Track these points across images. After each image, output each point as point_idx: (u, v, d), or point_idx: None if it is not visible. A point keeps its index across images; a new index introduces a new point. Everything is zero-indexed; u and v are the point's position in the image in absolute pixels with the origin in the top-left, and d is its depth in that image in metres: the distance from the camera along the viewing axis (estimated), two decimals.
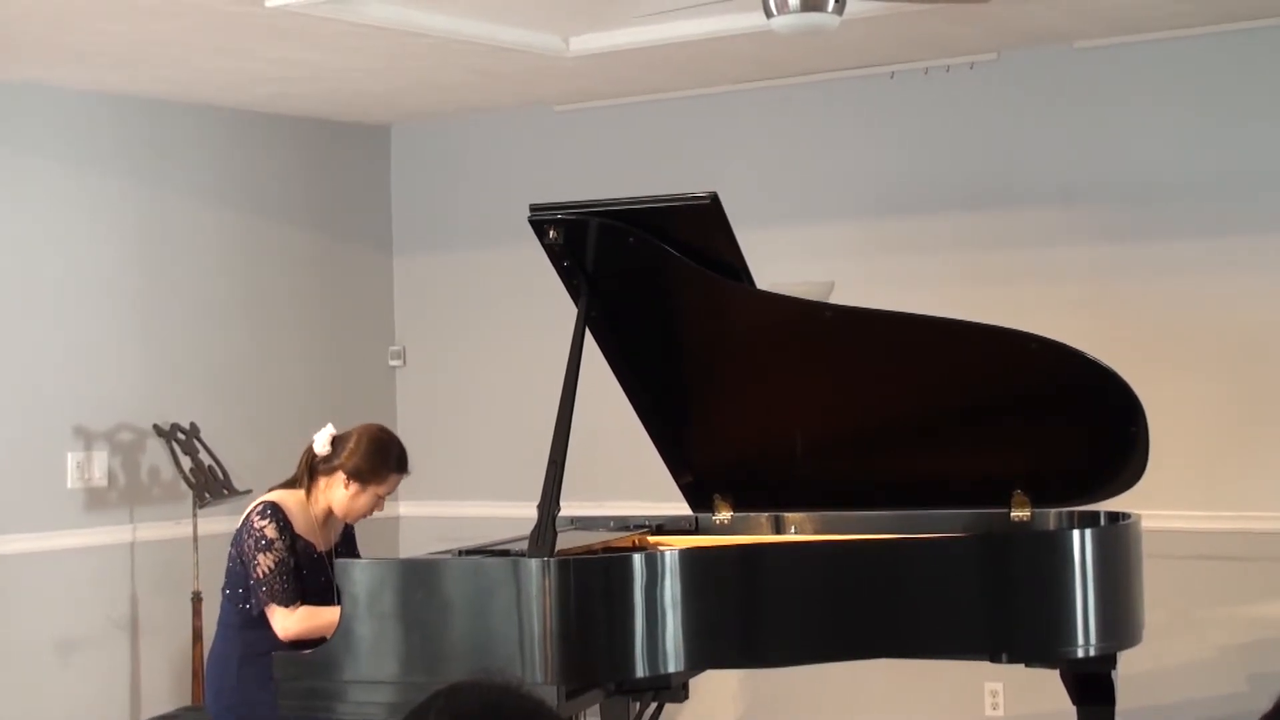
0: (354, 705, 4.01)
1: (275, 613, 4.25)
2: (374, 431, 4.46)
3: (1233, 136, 5.60)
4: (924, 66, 6.02)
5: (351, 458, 4.38)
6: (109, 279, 6.14)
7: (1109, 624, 4.19)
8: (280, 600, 4.24)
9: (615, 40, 5.62)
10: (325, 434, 4.43)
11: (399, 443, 4.49)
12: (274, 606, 4.24)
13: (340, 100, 6.51)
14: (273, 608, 4.25)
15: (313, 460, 4.42)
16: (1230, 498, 5.57)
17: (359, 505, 4.43)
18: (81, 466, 6.00)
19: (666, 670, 4.00)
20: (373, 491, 4.41)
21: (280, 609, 4.24)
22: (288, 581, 4.26)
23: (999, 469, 4.53)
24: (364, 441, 4.41)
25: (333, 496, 4.41)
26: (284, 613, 4.24)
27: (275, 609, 4.24)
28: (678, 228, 4.19)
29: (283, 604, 4.24)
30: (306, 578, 4.32)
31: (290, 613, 4.24)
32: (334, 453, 4.40)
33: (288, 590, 4.25)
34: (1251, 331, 5.57)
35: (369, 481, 4.39)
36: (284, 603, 4.24)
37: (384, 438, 4.46)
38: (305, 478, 4.42)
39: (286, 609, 4.24)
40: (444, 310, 7.08)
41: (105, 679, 6.05)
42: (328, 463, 4.40)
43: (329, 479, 4.40)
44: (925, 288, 5.87)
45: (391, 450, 4.44)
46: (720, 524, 4.83)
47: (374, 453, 4.40)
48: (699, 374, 4.70)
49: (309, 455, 4.43)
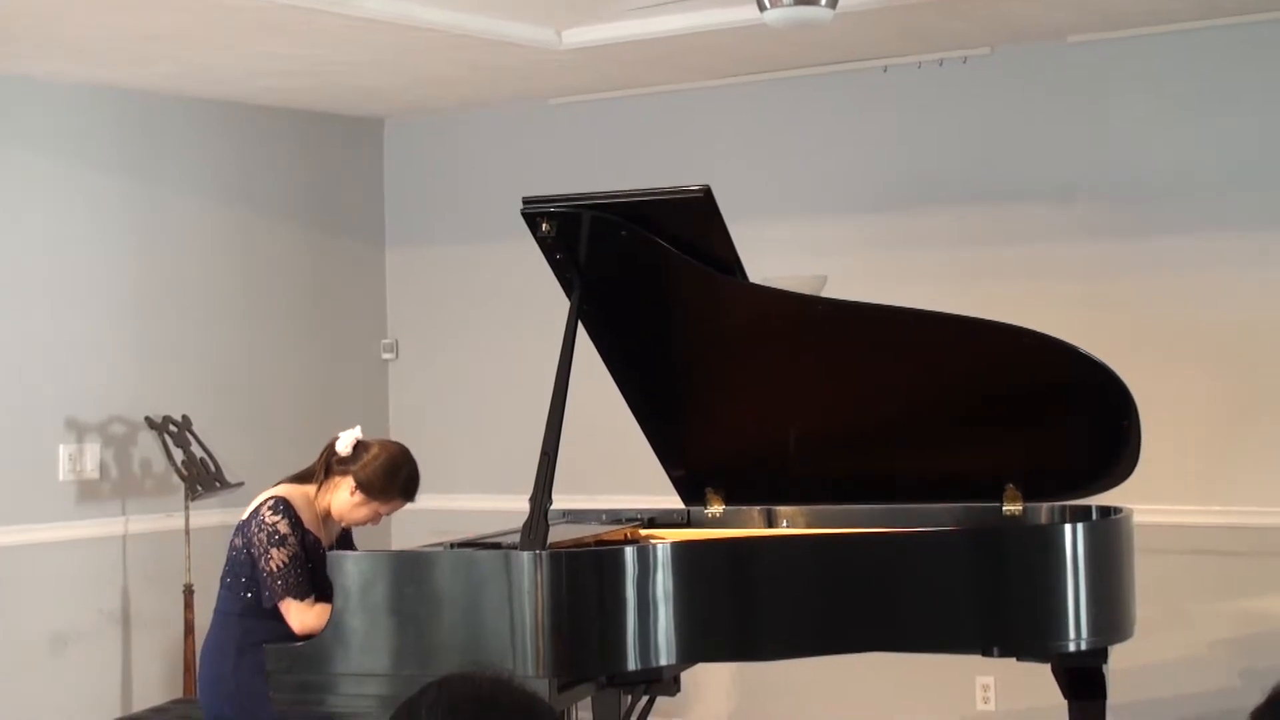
0: (345, 698, 4.01)
1: (291, 606, 4.26)
2: (395, 451, 4.49)
3: (1226, 131, 5.60)
4: (917, 61, 6.02)
5: (366, 468, 4.42)
6: (101, 271, 6.13)
7: (1100, 618, 4.20)
8: (296, 594, 4.26)
9: (609, 34, 5.63)
10: (350, 436, 4.47)
11: (415, 470, 4.51)
12: (290, 601, 4.26)
13: (334, 93, 6.51)
14: (288, 602, 4.26)
15: (331, 458, 4.45)
16: (1222, 492, 5.57)
17: (358, 514, 4.47)
18: (73, 459, 5.99)
19: (658, 663, 4.00)
20: (374, 506, 4.46)
21: (296, 603, 4.26)
22: (302, 575, 4.29)
23: (991, 463, 4.53)
24: (383, 457, 4.45)
25: (336, 498, 4.45)
26: (301, 606, 4.26)
27: (291, 603, 4.26)
28: (671, 221, 4.19)
29: (299, 597, 4.26)
30: (315, 572, 4.35)
31: (308, 607, 4.25)
32: (353, 457, 4.43)
33: (302, 584, 4.28)
34: (1245, 327, 5.57)
35: (374, 497, 4.44)
36: (300, 596, 4.27)
37: (401, 461, 4.48)
38: (322, 473, 4.46)
39: (302, 602, 4.26)
40: (437, 303, 7.08)
41: (97, 672, 6.04)
42: (344, 465, 4.43)
43: (339, 480, 4.44)
44: (918, 281, 5.87)
45: (402, 474, 4.47)
46: (712, 517, 4.84)
47: (388, 472, 4.44)
48: (691, 367, 4.70)
49: (329, 452, 4.47)
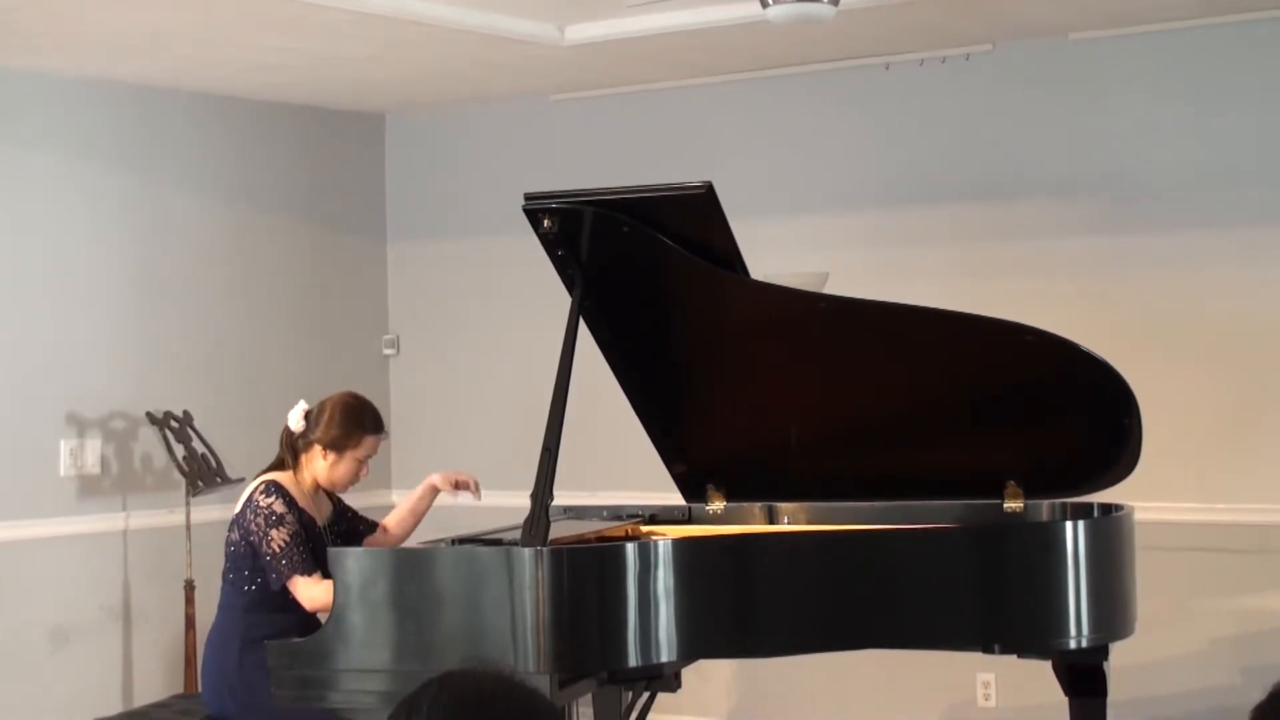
0: (347, 693, 4.01)
1: (299, 583, 4.28)
2: (344, 399, 4.55)
3: (1227, 129, 5.59)
4: (919, 57, 6.02)
5: (326, 429, 4.47)
6: (101, 267, 6.13)
7: (1101, 615, 4.19)
8: (302, 570, 4.29)
9: (611, 30, 5.62)
10: (298, 410, 4.52)
11: (370, 405, 4.56)
12: (297, 578, 4.29)
13: (335, 88, 6.50)
14: (296, 579, 4.29)
15: (291, 439, 4.49)
16: (1223, 490, 5.57)
17: (340, 473, 4.51)
18: (74, 454, 5.99)
19: (659, 660, 4.00)
20: (351, 457, 4.50)
21: (304, 578, 4.28)
22: (305, 552, 4.31)
23: (992, 460, 4.53)
24: (336, 410, 4.49)
25: (315, 469, 4.50)
26: (308, 581, 4.27)
27: (299, 579, 4.28)
28: (672, 218, 4.19)
29: (305, 573, 4.29)
30: (315, 550, 4.37)
31: (316, 581, 4.27)
32: (309, 427, 4.48)
33: (306, 560, 4.31)
34: (1247, 324, 5.57)
35: (345, 448, 4.48)
36: (306, 572, 4.29)
37: (354, 403, 4.54)
38: (288, 457, 4.50)
39: (309, 577, 4.28)
40: (438, 299, 7.08)
41: (97, 667, 6.04)
42: (305, 438, 4.48)
43: (309, 454, 4.48)
44: (920, 279, 5.87)
45: (364, 414, 4.53)
46: (713, 514, 4.84)
47: (346, 419, 4.49)
48: (693, 364, 4.70)
49: (286, 434, 4.51)
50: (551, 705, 1.81)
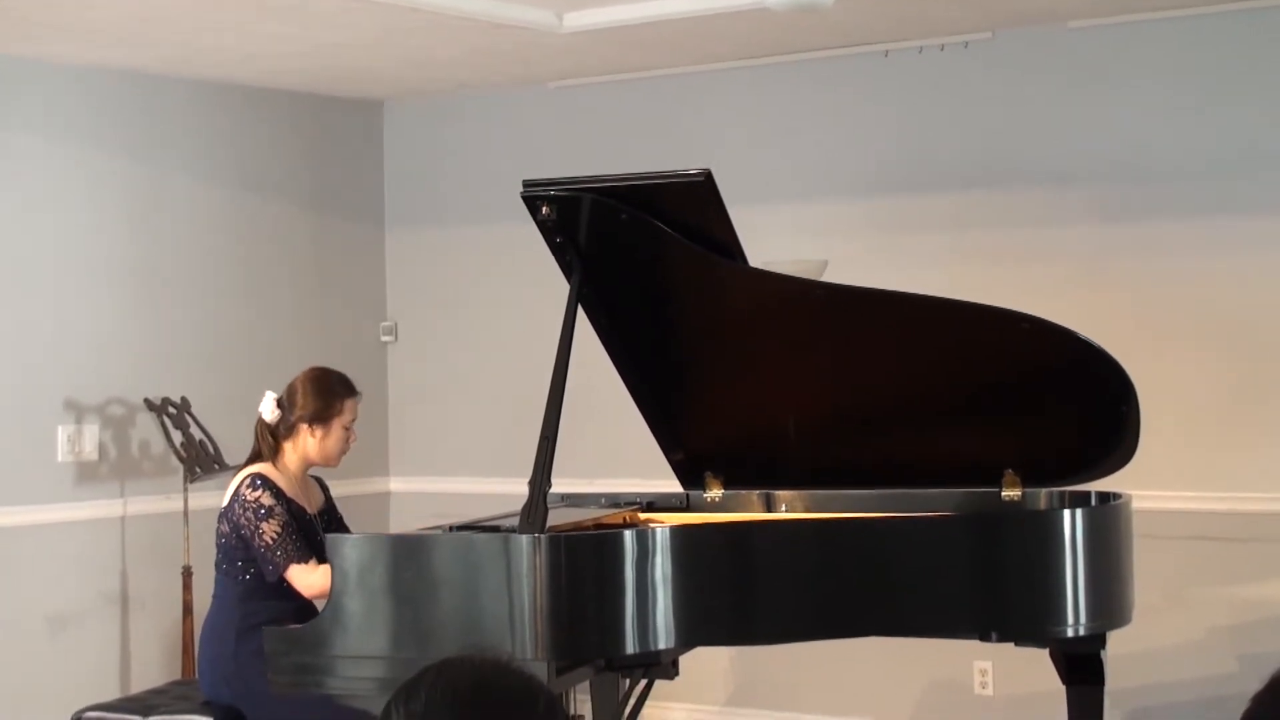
0: (344, 680, 4.01)
1: (295, 572, 4.30)
2: (310, 373, 4.60)
3: (1227, 117, 5.59)
4: (918, 45, 6.01)
5: (304, 405, 4.51)
6: (100, 253, 6.13)
7: (1099, 604, 4.19)
8: (297, 559, 4.32)
9: (609, 17, 5.61)
10: (269, 400, 4.56)
11: (336, 372, 4.63)
12: (294, 566, 4.30)
13: (334, 76, 6.49)
14: (292, 568, 4.30)
15: (271, 429, 4.50)
16: (1221, 478, 5.58)
17: (332, 443, 4.55)
18: (72, 440, 5.99)
19: (657, 647, 4.00)
20: (338, 425, 4.54)
21: (299, 567, 4.30)
22: (298, 540, 4.32)
23: (990, 448, 4.53)
24: (308, 385, 4.55)
25: (306, 449, 4.52)
26: (305, 569, 4.29)
27: (295, 569, 4.30)
28: (671, 205, 4.18)
29: (300, 562, 4.30)
30: (307, 537, 4.38)
31: (311, 568, 4.29)
32: (286, 411, 4.51)
33: (301, 548, 4.33)
34: (1245, 312, 5.57)
35: (330, 418, 4.52)
36: (301, 560, 4.31)
37: (321, 374, 4.60)
38: (266, 448, 4.50)
39: (306, 565, 4.29)
40: (436, 286, 7.07)
41: (95, 653, 6.05)
42: (286, 422, 4.50)
43: (294, 439, 4.49)
44: (919, 267, 5.87)
45: (334, 381, 4.59)
46: (711, 501, 4.84)
47: (321, 390, 4.54)
48: (691, 351, 4.69)
49: (261, 426, 4.54)
50: (549, 692, 1.81)
